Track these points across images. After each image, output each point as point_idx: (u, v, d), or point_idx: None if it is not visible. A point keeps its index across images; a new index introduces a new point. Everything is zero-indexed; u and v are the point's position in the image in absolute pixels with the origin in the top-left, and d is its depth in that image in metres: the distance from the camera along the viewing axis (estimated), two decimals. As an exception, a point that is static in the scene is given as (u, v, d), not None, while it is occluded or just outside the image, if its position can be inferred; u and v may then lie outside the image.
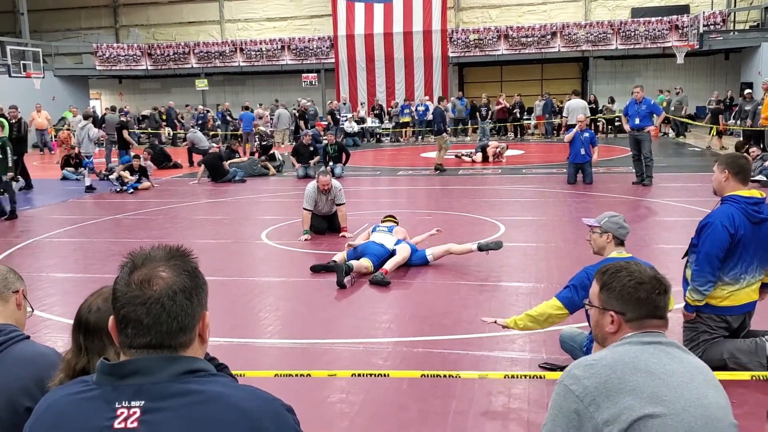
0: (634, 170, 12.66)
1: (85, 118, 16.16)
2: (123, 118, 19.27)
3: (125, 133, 16.81)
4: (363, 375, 4.13)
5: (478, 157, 17.28)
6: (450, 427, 3.63)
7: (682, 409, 1.73)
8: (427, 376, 4.05)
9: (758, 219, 4.08)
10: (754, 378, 3.83)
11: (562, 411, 1.80)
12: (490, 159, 17.18)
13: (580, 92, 18.89)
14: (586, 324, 3.11)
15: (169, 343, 1.37)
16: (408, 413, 3.78)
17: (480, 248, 6.72)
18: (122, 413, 1.31)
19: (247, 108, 22.92)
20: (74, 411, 1.35)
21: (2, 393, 2.00)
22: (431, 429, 3.62)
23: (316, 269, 6.77)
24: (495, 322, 4.25)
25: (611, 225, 4.15)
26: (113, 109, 20.16)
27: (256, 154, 17.43)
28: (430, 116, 25.33)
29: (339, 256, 6.88)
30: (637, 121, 12.22)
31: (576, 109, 16.13)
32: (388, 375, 4.16)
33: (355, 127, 24.37)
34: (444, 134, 15.85)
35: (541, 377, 4.09)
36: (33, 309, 2.43)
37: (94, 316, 1.96)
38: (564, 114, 16.81)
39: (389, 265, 6.61)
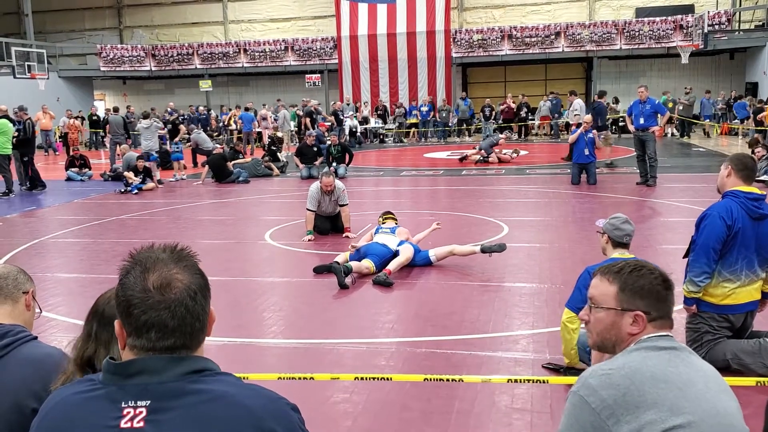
0: (638, 170, 12.64)
1: (145, 117, 16.58)
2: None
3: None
4: (366, 379, 4.13)
5: (493, 157, 17.02)
6: (452, 427, 3.63)
7: (701, 419, 1.68)
8: (430, 380, 4.06)
9: (758, 215, 4.08)
10: (759, 384, 3.82)
11: (578, 422, 1.73)
12: (492, 159, 17.01)
13: (577, 92, 18.80)
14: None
15: (190, 344, 1.38)
16: (411, 413, 3.79)
17: (483, 250, 6.72)
18: (128, 413, 1.32)
19: (248, 109, 22.96)
20: (80, 410, 1.36)
21: (10, 394, 2.01)
22: (434, 429, 3.62)
23: (319, 270, 6.78)
24: (561, 370, 4.25)
25: (609, 227, 4.23)
26: (116, 110, 20.22)
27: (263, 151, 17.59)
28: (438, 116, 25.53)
29: (342, 257, 6.89)
30: (641, 121, 12.20)
31: (583, 107, 16.17)
32: (390, 379, 4.17)
33: (358, 127, 24.36)
34: (606, 131, 15.61)
35: (544, 381, 4.08)
36: (41, 310, 2.44)
37: (110, 308, 1.95)
38: (577, 112, 16.68)
39: (392, 265, 6.62)
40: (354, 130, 24.04)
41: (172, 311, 1.35)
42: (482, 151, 17.08)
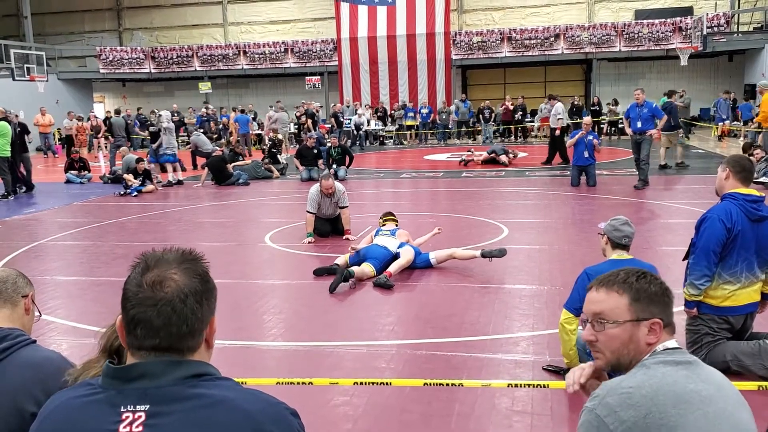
0: (637, 173, 12.61)
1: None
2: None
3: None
4: (365, 384, 4.13)
5: (504, 158, 17.04)
6: (453, 429, 3.63)
7: None
8: (430, 384, 4.05)
9: (757, 216, 4.09)
10: (761, 388, 3.82)
11: None
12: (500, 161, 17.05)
13: (556, 96, 18.92)
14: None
15: (177, 347, 1.37)
16: (411, 416, 3.78)
17: (483, 255, 6.69)
18: (127, 417, 1.31)
19: (243, 111, 22.98)
20: (79, 414, 1.36)
21: (8, 397, 2.00)
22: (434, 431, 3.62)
23: (319, 273, 6.77)
24: (561, 371, 4.23)
25: (608, 227, 4.27)
26: (117, 112, 20.20)
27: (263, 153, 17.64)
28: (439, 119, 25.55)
29: (341, 260, 6.89)
30: (639, 124, 12.15)
31: (565, 110, 16.28)
32: (390, 384, 4.16)
33: (365, 124, 24.25)
34: (679, 130, 15.55)
35: (545, 386, 4.07)
36: (41, 313, 2.44)
37: None
38: (560, 116, 16.76)
39: (393, 267, 6.61)
40: (361, 126, 23.79)
41: (158, 309, 1.35)
42: (494, 153, 17.10)
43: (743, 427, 1.69)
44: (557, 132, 16.21)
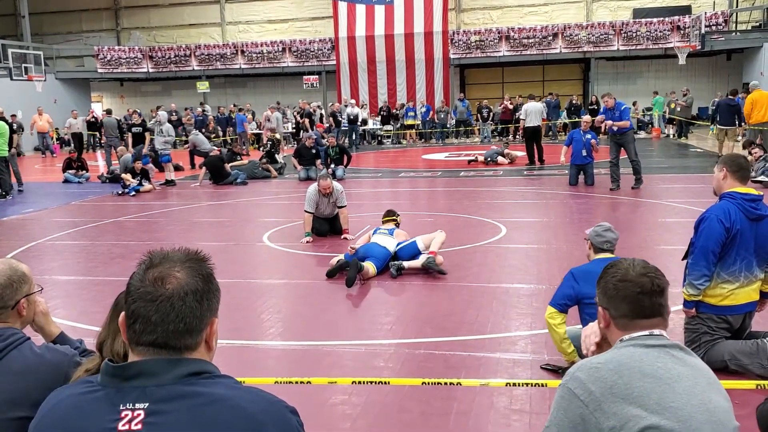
0: (610, 175, 12.14)
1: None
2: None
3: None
4: (363, 383, 4.12)
5: (501, 159, 17.02)
6: (451, 428, 3.63)
7: (689, 415, 1.70)
8: (428, 383, 4.05)
9: (756, 215, 4.09)
10: (759, 387, 3.82)
11: (567, 415, 1.78)
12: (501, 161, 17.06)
13: (535, 96, 18.94)
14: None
15: (174, 344, 1.38)
16: (410, 415, 3.78)
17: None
18: (126, 415, 1.32)
19: (241, 110, 22.98)
20: (78, 412, 1.37)
21: (5, 397, 2.01)
22: (433, 431, 3.62)
23: (332, 273, 6.62)
24: (559, 370, 4.24)
25: (592, 233, 4.36)
26: (109, 112, 20.12)
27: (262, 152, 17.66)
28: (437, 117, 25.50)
29: (336, 260, 6.86)
30: (615, 128, 12.04)
31: (533, 111, 16.31)
32: (388, 383, 4.16)
33: (359, 116, 24.09)
34: (738, 127, 15.59)
35: (543, 385, 4.07)
36: (41, 288, 2.48)
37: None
38: (522, 116, 16.84)
39: (435, 246, 6.74)
40: (354, 117, 23.46)
41: (157, 305, 1.36)
42: (489, 159, 17.08)
43: (713, 406, 1.76)
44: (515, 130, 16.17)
